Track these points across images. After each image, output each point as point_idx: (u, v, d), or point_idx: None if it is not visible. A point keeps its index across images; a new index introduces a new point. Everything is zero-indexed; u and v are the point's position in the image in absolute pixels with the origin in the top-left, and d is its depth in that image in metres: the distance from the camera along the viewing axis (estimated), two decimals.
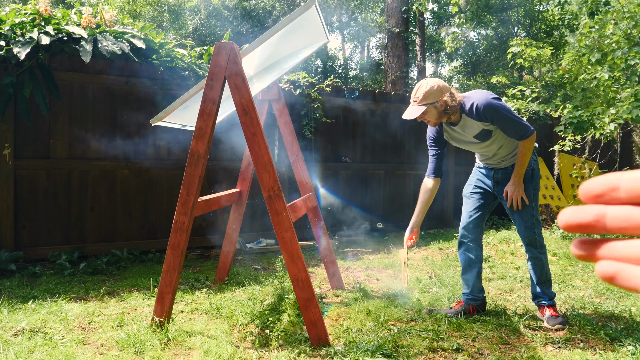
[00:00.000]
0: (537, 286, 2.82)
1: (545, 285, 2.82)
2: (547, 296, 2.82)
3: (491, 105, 2.52)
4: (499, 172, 2.82)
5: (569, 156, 7.45)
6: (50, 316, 2.78)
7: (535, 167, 2.78)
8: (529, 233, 2.77)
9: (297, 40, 2.89)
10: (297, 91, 5.34)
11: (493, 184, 2.86)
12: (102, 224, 4.36)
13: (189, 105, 2.75)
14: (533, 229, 2.76)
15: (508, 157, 2.77)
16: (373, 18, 17.58)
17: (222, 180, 4.99)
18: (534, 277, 2.82)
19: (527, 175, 2.75)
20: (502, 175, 2.81)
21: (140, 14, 15.98)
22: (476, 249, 2.92)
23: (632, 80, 5.07)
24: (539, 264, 2.79)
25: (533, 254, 2.79)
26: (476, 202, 2.92)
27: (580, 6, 5.69)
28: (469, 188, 2.98)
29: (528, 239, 2.78)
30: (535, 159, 2.79)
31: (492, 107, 2.52)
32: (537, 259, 2.78)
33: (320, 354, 2.30)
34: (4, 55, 3.79)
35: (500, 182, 2.82)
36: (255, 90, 3.25)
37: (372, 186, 6.10)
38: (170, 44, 4.67)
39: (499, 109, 2.52)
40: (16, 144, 4.00)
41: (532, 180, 2.75)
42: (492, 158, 2.82)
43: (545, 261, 2.80)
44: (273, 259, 4.57)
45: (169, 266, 2.56)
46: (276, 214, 2.40)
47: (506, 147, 2.73)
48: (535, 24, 12.56)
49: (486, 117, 2.55)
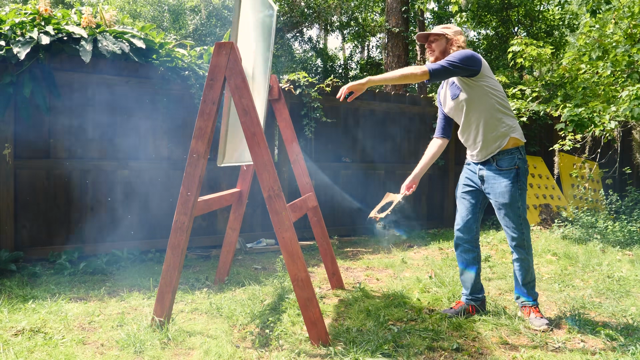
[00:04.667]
0: (522, 287, 2.81)
1: (530, 286, 2.81)
2: (531, 297, 2.81)
3: (463, 49, 2.67)
4: (484, 168, 2.78)
5: (569, 156, 7.45)
6: (50, 316, 2.78)
7: (521, 165, 2.69)
8: (516, 234, 2.73)
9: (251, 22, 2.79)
10: (297, 91, 5.34)
11: (480, 182, 2.82)
12: (102, 224, 4.36)
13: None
14: (521, 230, 2.72)
15: (489, 141, 2.70)
16: (373, 18, 17.57)
17: (222, 180, 4.99)
18: (520, 278, 2.80)
19: (511, 174, 2.68)
20: (487, 173, 2.76)
21: (140, 13, 15.99)
22: (472, 250, 2.91)
23: (632, 79, 5.07)
24: (526, 265, 2.76)
25: (520, 255, 2.76)
26: (467, 203, 2.91)
27: (580, 5, 5.68)
28: (459, 188, 2.97)
29: (516, 241, 2.74)
30: (521, 157, 2.71)
31: (462, 49, 2.66)
32: (524, 260, 2.76)
33: (320, 354, 2.30)
34: (4, 55, 3.79)
35: (486, 180, 2.77)
36: (255, 90, 3.24)
37: (372, 186, 6.10)
38: (170, 44, 4.67)
39: (464, 50, 2.62)
40: (16, 144, 4.00)
41: (517, 179, 2.68)
42: (473, 141, 2.77)
43: (531, 261, 2.78)
44: (273, 259, 4.57)
45: (169, 266, 2.56)
46: (276, 214, 2.40)
47: (484, 123, 2.67)
48: (535, 23, 12.54)
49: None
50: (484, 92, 2.63)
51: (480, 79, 2.63)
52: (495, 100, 2.66)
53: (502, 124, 2.68)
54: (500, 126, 2.68)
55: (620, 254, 4.74)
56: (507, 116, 2.70)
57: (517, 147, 2.71)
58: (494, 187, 2.73)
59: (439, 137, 2.98)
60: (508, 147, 2.70)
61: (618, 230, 5.56)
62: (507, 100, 2.75)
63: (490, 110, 2.66)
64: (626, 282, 3.74)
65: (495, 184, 2.72)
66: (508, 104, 2.73)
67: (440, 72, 2.52)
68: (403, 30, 9.28)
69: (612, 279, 3.84)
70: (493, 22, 12.74)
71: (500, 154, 2.71)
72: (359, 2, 16.42)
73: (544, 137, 7.66)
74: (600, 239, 5.34)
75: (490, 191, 2.76)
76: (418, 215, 6.50)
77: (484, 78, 2.64)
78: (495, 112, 2.67)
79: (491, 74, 2.70)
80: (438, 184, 6.65)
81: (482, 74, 2.62)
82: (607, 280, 3.80)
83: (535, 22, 12.55)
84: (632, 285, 3.66)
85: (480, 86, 2.63)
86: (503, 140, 2.69)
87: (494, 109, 2.66)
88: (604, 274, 3.97)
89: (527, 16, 12.42)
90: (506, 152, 2.70)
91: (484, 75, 2.63)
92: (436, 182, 6.64)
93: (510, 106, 2.73)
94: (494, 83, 2.68)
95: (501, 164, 2.70)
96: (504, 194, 2.69)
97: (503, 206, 2.71)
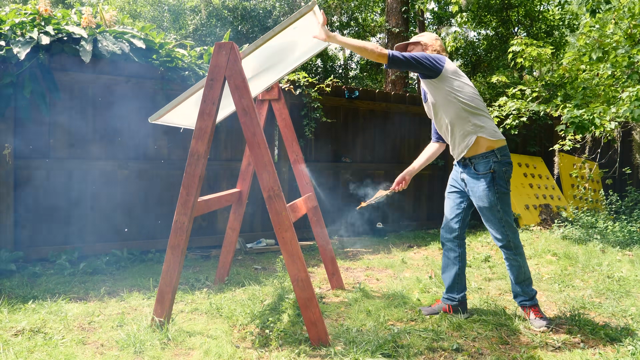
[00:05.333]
0: (516, 285, 2.82)
1: (525, 284, 2.81)
2: (527, 295, 2.80)
3: (439, 53, 2.83)
4: (464, 171, 2.80)
5: (569, 156, 7.45)
6: (50, 316, 2.78)
7: (497, 169, 2.68)
8: (499, 236, 2.75)
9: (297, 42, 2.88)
10: (297, 91, 5.34)
11: (463, 184, 2.85)
12: (102, 224, 4.36)
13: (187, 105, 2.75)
14: (504, 232, 2.73)
15: (457, 140, 2.73)
16: (373, 18, 17.56)
17: (222, 180, 4.99)
18: (512, 277, 2.82)
19: (487, 178, 2.68)
20: (467, 176, 2.78)
21: (140, 13, 15.98)
22: (455, 250, 2.92)
23: (633, 79, 5.06)
24: (516, 265, 2.78)
25: (508, 256, 2.78)
26: (452, 202, 2.94)
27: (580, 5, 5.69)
28: (447, 188, 3.01)
29: (500, 242, 2.76)
30: (497, 161, 2.68)
31: (438, 53, 2.82)
32: (512, 259, 2.77)
33: (320, 354, 2.30)
34: (4, 55, 3.79)
35: (467, 183, 2.79)
36: (255, 90, 3.25)
37: (372, 186, 6.10)
38: (170, 44, 4.67)
39: (433, 53, 2.79)
40: (16, 144, 4.00)
41: (493, 183, 2.68)
42: (447, 140, 2.84)
43: (522, 261, 2.78)
44: (273, 259, 4.57)
45: (169, 266, 2.56)
46: (276, 214, 2.40)
47: (451, 123, 2.71)
48: (535, 24, 12.55)
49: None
50: (446, 93, 2.67)
51: (443, 81, 2.66)
52: (459, 100, 2.67)
53: (468, 124, 2.70)
54: (467, 125, 2.70)
55: (620, 254, 4.74)
56: (475, 116, 2.70)
57: (492, 150, 2.69)
58: (473, 190, 2.76)
59: (435, 142, 3.08)
60: (482, 151, 2.69)
61: (618, 231, 5.56)
62: (479, 101, 2.74)
63: (455, 110, 2.69)
64: (626, 282, 3.74)
65: (474, 188, 2.75)
66: (478, 104, 2.72)
67: (399, 61, 2.56)
68: (403, 31, 9.28)
69: (612, 279, 3.84)
70: (493, 22, 12.75)
71: (476, 157, 2.72)
72: (359, 2, 16.42)
73: (544, 137, 7.66)
74: (600, 239, 5.34)
75: (472, 194, 2.79)
76: (418, 215, 6.50)
77: (447, 80, 2.66)
78: (460, 112, 2.69)
79: (459, 77, 2.71)
80: (438, 184, 6.65)
81: (445, 76, 2.65)
82: (607, 280, 3.81)
83: (535, 22, 12.56)
84: (632, 285, 3.66)
85: (443, 88, 2.67)
86: (470, 138, 2.69)
87: (459, 109, 2.68)
88: (604, 274, 3.97)
89: (527, 16, 12.42)
90: (481, 156, 2.70)
91: (447, 78, 2.66)
92: (436, 182, 6.64)
93: (483, 106, 2.73)
94: (460, 85, 2.69)
95: (478, 167, 2.72)
96: (482, 198, 2.71)
97: (483, 210, 2.75)
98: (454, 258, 2.93)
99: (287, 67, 3.27)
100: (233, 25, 14.09)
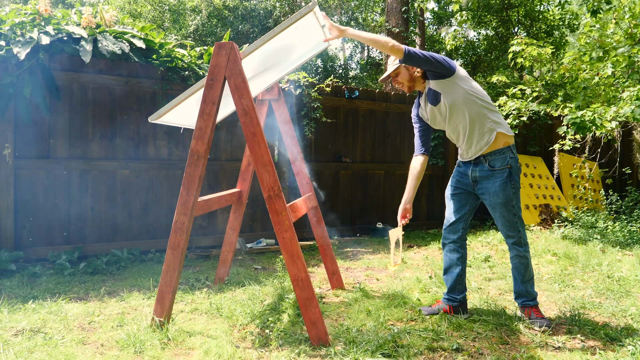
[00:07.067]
0: (521, 284, 2.81)
1: (529, 284, 2.81)
2: (531, 295, 2.81)
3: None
4: (476, 169, 2.79)
5: (569, 156, 7.45)
6: (50, 316, 2.78)
7: (513, 164, 2.72)
8: (512, 232, 2.76)
9: (297, 42, 2.88)
10: (297, 91, 5.34)
11: (472, 184, 2.84)
12: (102, 224, 4.36)
13: (187, 104, 2.75)
14: (517, 228, 2.75)
15: (477, 138, 2.72)
16: (373, 18, 17.57)
17: (222, 180, 4.99)
18: (518, 276, 2.81)
19: (504, 173, 2.70)
20: (480, 174, 2.77)
21: (140, 13, 15.98)
22: (457, 251, 2.92)
23: (633, 79, 5.06)
24: (524, 262, 2.78)
25: (518, 252, 2.78)
26: (457, 204, 2.92)
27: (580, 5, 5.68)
28: (449, 189, 2.98)
29: (513, 239, 2.77)
30: (513, 157, 2.73)
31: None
32: (522, 257, 2.78)
33: (320, 354, 2.30)
34: (4, 55, 3.79)
35: (479, 181, 2.79)
36: (255, 90, 3.25)
37: (372, 186, 6.10)
38: (170, 44, 4.67)
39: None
40: (16, 144, 4.00)
41: (510, 178, 2.71)
42: (463, 140, 2.79)
43: (530, 259, 2.80)
44: (273, 259, 4.57)
45: (169, 266, 2.56)
46: (276, 214, 2.40)
47: (470, 121, 2.69)
48: (535, 24, 12.55)
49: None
50: (464, 91, 2.67)
51: (459, 80, 2.67)
52: (478, 97, 2.69)
53: (487, 120, 2.71)
54: (486, 122, 2.71)
55: (620, 254, 4.74)
56: (491, 112, 2.73)
57: (508, 146, 2.73)
58: (488, 187, 2.75)
59: (420, 155, 2.92)
60: (499, 147, 2.71)
61: (618, 231, 5.55)
62: (489, 97, 2.78)
63: (476, 108, 2.69)
64: (626, 282, 3.74)
65: (489, 184, 2.74)
66: (490, 101, 2.76)
67: (416, 57, 2.55)
68: (403, 31, 9.28)
69: (612, 279, 3.84)
70: (493, 22, 12.75)
71: (492, 154, 2.72)
72: (359, 2, 16.43)
73: (544, 137, 7.66)
74: (600, 239, 5.34)
75: (485, 191, 2.77)
76: (418, 215, 6.50)
77: (463, 79, 2.68)
78: (478, 109, 2.69)
79: (467, 76, 2.74)
80: (438, 184, 6.65)
81: (459, 75, 2.67)
82: (607, 280, 3.80)
83: (535, 22, 12.56)
84: (632, 285, 3.66)
85: (460, 87, 2.67)
86: (490, 135, 2.70)
87: (477, 106, 2.69)
88: (604, 274, 3.97)
89: (527, 16, 12.42)
90: (498, 152, 2.71)
91: (461, 77, 2.67)
92: (436, 182, 6.64)
93: (493, 103, 2.77)
94: (471, 83, 2.71)
95: (494, 164, 2.72)
96: (498, 193, 2.71)
97: (498, 205, 2.73)
98: (457, 259, 2.92)
99: (287, 67, 3.27)
100: (233, 25, 14.09)
